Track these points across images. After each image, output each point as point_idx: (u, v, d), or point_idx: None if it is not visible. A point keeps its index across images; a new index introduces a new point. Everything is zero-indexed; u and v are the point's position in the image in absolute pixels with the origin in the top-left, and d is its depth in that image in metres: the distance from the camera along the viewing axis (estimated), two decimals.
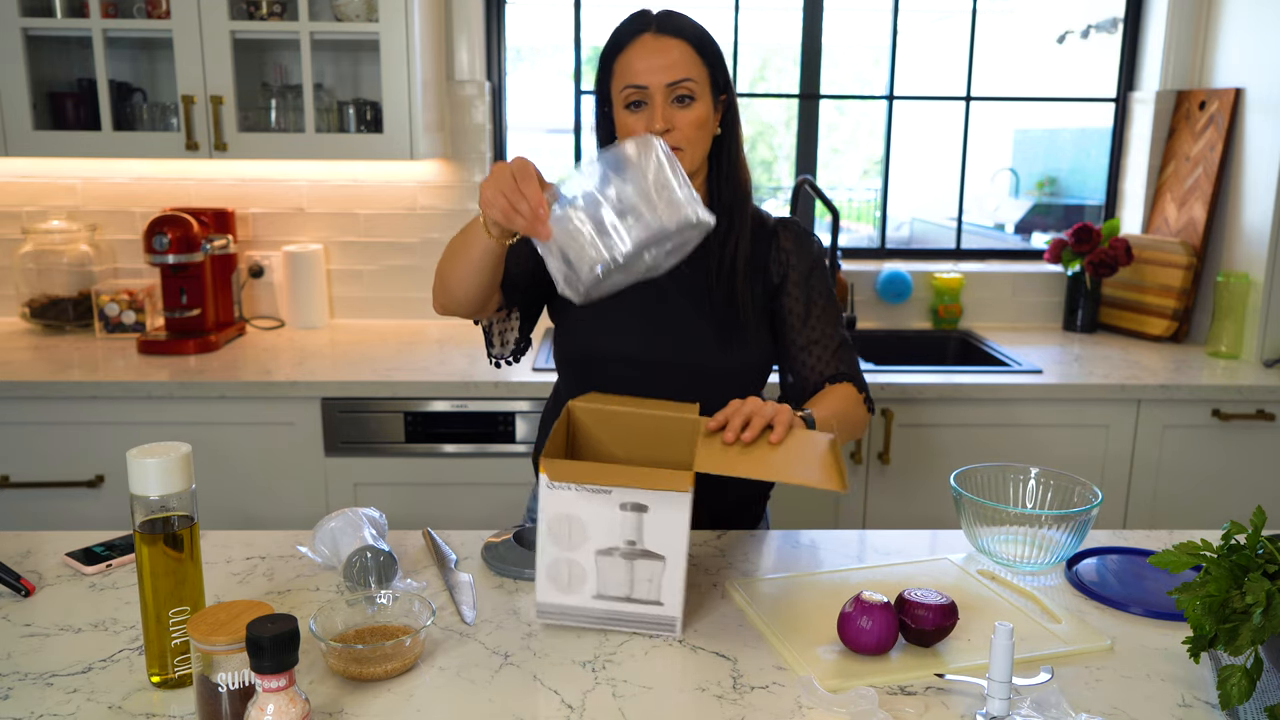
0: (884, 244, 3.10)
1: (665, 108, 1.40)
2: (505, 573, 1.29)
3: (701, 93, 1.43)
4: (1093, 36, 3.28)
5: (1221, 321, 2.59)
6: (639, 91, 1.41)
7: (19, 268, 2.70)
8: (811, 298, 1.52)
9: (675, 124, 1.41)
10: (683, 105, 1.41)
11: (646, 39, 1.42)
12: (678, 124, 1.41)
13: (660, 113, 1.40)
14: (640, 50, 1.42)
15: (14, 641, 1.12)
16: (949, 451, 2.36)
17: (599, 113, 1.51)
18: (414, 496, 2.33)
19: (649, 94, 1.41)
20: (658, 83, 1.40)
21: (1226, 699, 0.95)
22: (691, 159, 1.44)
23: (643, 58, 1.41)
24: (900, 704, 1.01)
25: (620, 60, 1.44)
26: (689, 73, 1.41)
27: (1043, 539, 1.30)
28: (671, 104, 1.41)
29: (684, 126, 1.41)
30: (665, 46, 1.42)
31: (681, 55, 1.42)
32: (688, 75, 1.41)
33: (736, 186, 1.51)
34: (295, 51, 2.64)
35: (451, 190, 2.83)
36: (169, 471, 1.00)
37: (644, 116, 1.42)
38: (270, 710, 0.83)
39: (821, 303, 1.52)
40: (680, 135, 1.41)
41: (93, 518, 2.28)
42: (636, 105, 1.42)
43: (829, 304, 1.53)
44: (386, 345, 2.62)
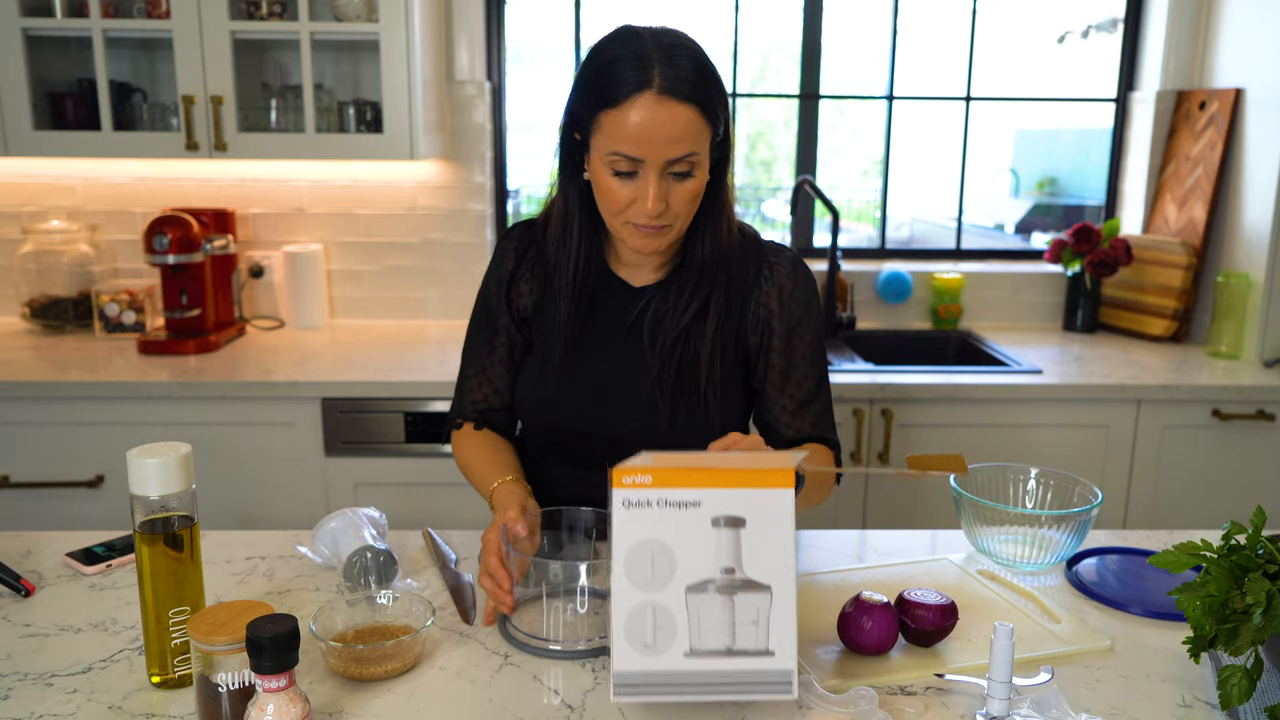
0: (884, 244, 3.10)
1: (660, 182, 1.23)
2: None
3: (702, 161, 1.25)
4: (1093, 36, 3.28)
5: (1221, 321, 2.59)
6: (630, 162, 1.22)
7: (19, 268, 2.70)
8: (793, 361, 1.37)
9: (670, 201, 1.24)
10: (679, 180, 1.24)
11: (648, 99, 1.19)
12: (672, 201, 1.25)
13: (654, 191, 1.22)
14: (639, 114, 1.19)
15: (14, 641, 1.12)
16: (949, 451, 2.36)
17: (566, 141, 1.31)
18: (414, 496, 2.33)
19: (643, 167, 1.22)
20: (658, 157, 1.21)
21: (1226, 699, 0.95)
22: (679, 230, 1.30)
23: (642, 125, 1.20)
24: (900, 704, 1.01)
25: (611, 117, 1.21)
26: (694, 146, 1.22)
27: (1043, 539, 1.30)
28: (667, 176, 1.24)
29: (677, 203, 1.25)
30: (671, 115, 1.20)
31: (688, 126, 1.21)
32: (692, 150, 1.22)
33: (717, 232, 1.34)
34: (295, 51, 2.64)
35: (451, 190, 2.83)
36: (169, 471, 1.00)
37: (634, 187, 1.23)
38: (270, 710, 0.83)
39: (804, 366, 1.38)
40: (672, 212, 1.26)
41: (93, 518, 2.28)
42: (627, 174, 1.23)
43: (813, 363, 1.38)
44: (386, 345, 2.62)
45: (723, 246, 1.35)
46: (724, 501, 0.91)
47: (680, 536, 0.91)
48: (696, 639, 0.91)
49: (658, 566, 0.91)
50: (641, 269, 1.40)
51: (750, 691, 0.91)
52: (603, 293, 1.40)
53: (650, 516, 0.91)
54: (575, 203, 1.34)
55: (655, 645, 0.90)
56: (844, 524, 2.41)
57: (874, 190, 3.21)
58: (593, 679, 1.06)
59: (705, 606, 0.91)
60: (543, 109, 3.05)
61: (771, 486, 0.92)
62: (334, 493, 2.32)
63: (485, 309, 1.47)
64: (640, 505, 0.91)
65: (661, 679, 0.90)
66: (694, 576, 0.92)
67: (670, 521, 0.91)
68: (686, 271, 1.37)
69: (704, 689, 0.91)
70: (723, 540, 0.92)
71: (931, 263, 3.03)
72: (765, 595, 0.92)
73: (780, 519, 0.93)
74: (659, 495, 0.91)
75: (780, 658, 0.91)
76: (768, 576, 0.92)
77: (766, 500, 0.93)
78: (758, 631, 0.91)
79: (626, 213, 1.27)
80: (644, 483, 0.91)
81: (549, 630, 1.13)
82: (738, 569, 0.92)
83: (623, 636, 0.91)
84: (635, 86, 1.20)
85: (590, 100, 1.24)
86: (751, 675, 0.91)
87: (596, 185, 1.28)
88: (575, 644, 1.11)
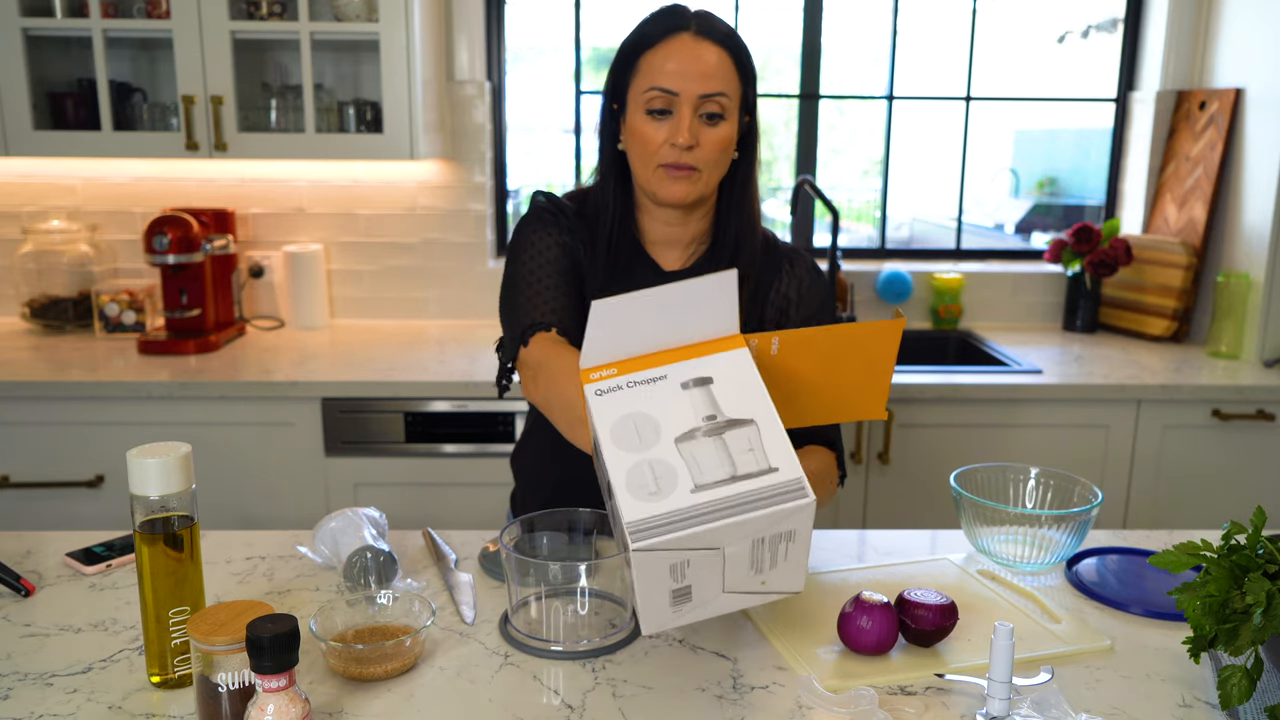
0: (884, 244, 3.10)
1: (692, 121, 1.28)
2: (504, 578, 1.29)
3: (731, 110, 1.31)
4: (1093, 36, 3.28)
5: (1221, 321, 2.59)
6: (666, 97, 1.28)
7: (19, 268, 2.70)
8: None
9: (700, 141, 1.29)
10: (711, 123, 1.29)
11: (684, 39, 1.29)
12: (702, 142, 1.29)
13: (687, 125, 1.28)
14: (675, 51, 1.28)
15: (14, 641, 1.12)
16: (949, 451, 2.36)
17: (606, 111, 1.38)
18: (414, 496, 2.33)
19: (677, 102, 1.28)
20: (690, 91, 1.27)
21: (1226, 699, 0.95)
22: (707, 182, 1.34)
23: (676, 60, 1.28)
24: (900, 704, 1.01)
25: (649, 58, 1.30)
26: (724, 86, 1.29)
27: (1043, 539, 1.30)
28: (699, 118, 1.29)
29: (708, 146, 1.30)
30: (703, 51, 1.28)
31: (719, 64, 1.29)
32: (722, 89, 1.28)
33: (745, 217, 1.40)
34: (295, 51, 2.64)
35: (451, 190, 2.83)
36: (169, 471, 1.00)
37: (666, 126, 1.29)
38: (270, 710, 0.83)
39: None
40: (702, 155, 1.30)
41: (93, 518, 2.28)
42: (660, 113, 1.29)
43: None
44: (386, 345, 2.62)
45: (750, 232, 1.41)
46: (687, 370, 0.95)
47: (656, 404, 0.93)
48: (699, 476, 0.89)
49: (643, 431, 0.92)
50: (671, 249, 1.43)
51: (767, 504, 0.87)
52: (636, 271, 1.42)
53: (622, 396, 0.94)
54: (612, 171, 1.40)
55: (660, 491, 0.88)
56: (844, 524, 2.41)
57: (874, 190, 3.21)
58: (593, 679, 1.06)
59: (698, 449, 0.91)
60: (543, 109, 3.05)
61: (725, 350, 0.95)
62: (334, 493, 2.32)
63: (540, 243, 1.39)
64: (611, 391, 0.94)
65: (674, 517, 0.87)
66: (679, 430, 0.92)
67: (643, 395, 0.94)
68: (716, 255, 1.41)
69: (718, 514, 0.86)
70: (696, 397, 0.94)
71: (931, 263, 3.03)
72: (752, 427, 0.92)
73: (743, 370, 0.95)
74: (625, 379, 0.95)
75: (785, 471, 0.89)
76: (749, 413, 0.93)
77: (725, 360, 0.96)
78: (755, 456, 0.90)
79: (660, 154, 1.31)
80: (609, 374, 0.95)
81: (549, 630, 1.13)
82: (719, 415, 0.93)
83: (626, 493, 0.89)
84: (672, 27, 1.30)
85: (630, 52, 1.33)
86: (763, 491, 0.88)
87: (632, 135, 1.33)
88: (575, 644, 1.11)
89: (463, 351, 2.54)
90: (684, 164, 1.31)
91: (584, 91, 2.93)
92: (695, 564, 0.88)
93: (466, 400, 2.29)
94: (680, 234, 1.42)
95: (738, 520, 0.86)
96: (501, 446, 2.31)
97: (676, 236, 1.43)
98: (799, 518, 0.88)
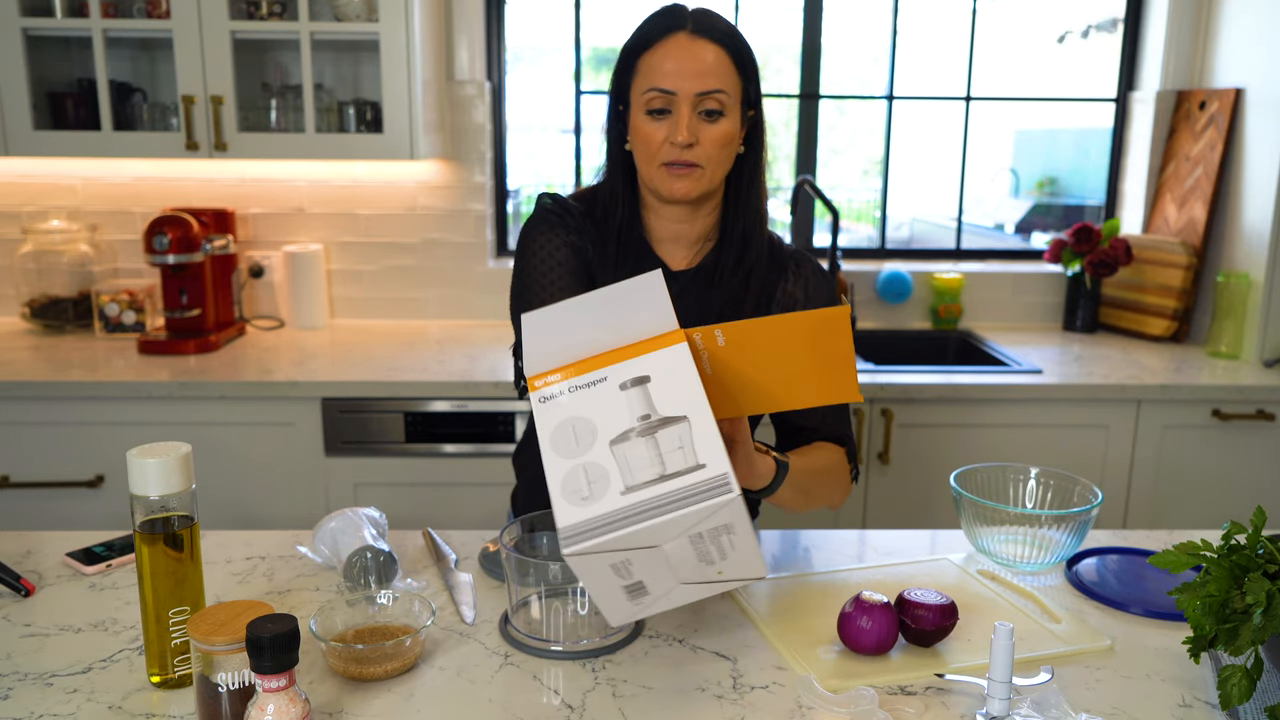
0: (884, 244, 3.10)
1: (691, 119, 1.30)
2: (504, 578, 1.29)
3: (732, 106, 1.32)
4: (1093, 36, 3.28)
5: (1221, 321, 2.59)
6: (665, 97, 1.30)
7: (19, 268, 2.70)
8: None
9: (700, 139, 1.31)
10: (710, 120, 1.31)
11: (680, 38, 1.31)
12: (702, 139, 1.31)
13: (685, 124, 1.30)
14: (671, 51, 1.31)
15: (14, 641, 1.12)
16: (949, 451, 2.36)
17: (612, 111, 1.40)
18: (414, 496, 2.33)
19: (675, 101, 1.30)
20: (687, 90, 1.29)
21: (1226, 699, 0.95)
22: (711, 178, 1.35)
23: (673, 59, 1.30)
24: (900, 704, 1.01)
25: (647, 59, 1.32)
26: (722, 83, 1.30)
27: (1043, 539, 1.30)
28: (698, 116, 1.31)
29: (708, 143, 1.31)
30: (700, 50, 1.30)
31: (717, 62, 1.31)
32: (720, 86, 1.30)
33: (753, 213, 1.41)
34: (295, 51, 2.64)
35: (451, 190, 2.83)
36: (169, 471, 1.00)
37: (666, 125, 1.31)
38: (270, 710, 0.83)
39: None
40: (702, 152, 1.32)
41: (93, 518, 2.28)
42: (660, 112, 1.31)
43: None
44: (386, 345, 2.62)
45: (758, 227, 1.42)
46: (626, 370, 0.95)
47: (595, 408, 0.94)
48: (629, 477, 0.90)
49: (580, 435, 0.93)
50: (678, 246, 1.44)
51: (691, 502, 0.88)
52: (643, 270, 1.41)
53: (564, 401, 0.95)
54: (619, 170, 1.41)
55: (591, 495, 0.90)
56: (844, 524, 2.41)
57: (874, 190, 3.21)
58: (593, 679, 1.06)
59: (631, 450, 0.92)
60: (543, 109, 3.05)
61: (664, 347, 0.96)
62: (334, 493, 2.32)
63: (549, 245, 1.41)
64: (553, 397, 0.95)
65: (604, 520, 0.88)
66: (614, 432, 0.93)
67: (582, 399, 0.95)
68: (724, 251, 1.42)
69: (646, 515, 0.88)
70: (633, 397, 0.95)
71: (931, 263, 3.03)
72: (684, 424, 0.92)
73: (680, 366, 0.96)
74: (568, 384, 0.96)
75: (712, 466, 0.89)
76: (682, 410, 0.93)
77: (663, 358, 0.96)
78: (685, 454, 0.91)
79: (661, 152, 1.33)
80: (553, 380, 0.96)
81: (549, 630, 1.13)
82: (653, 414, 0.93)
83: (560, 498, 0.90)
84: (669, 27, 1.32)
85: (630, 53, 1.35)
86: (688, 489, 0.88)
87: (635, 135, 1.35)
88: (575, 644, 1.11)
89: (463, 351, 2.54)
90: (685, 160, 1.32)
91: (584, 91, 2.93)
92: (637, 562, 0.90)
93: (466, 400, 2.29)
94: (687, 230, 1.43)
95: (664, 520, 0.87)
96: (501, 446, 2.31)
97: (684, 234, 1.43)
98: (727, 512, 0.88)
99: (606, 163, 1.44)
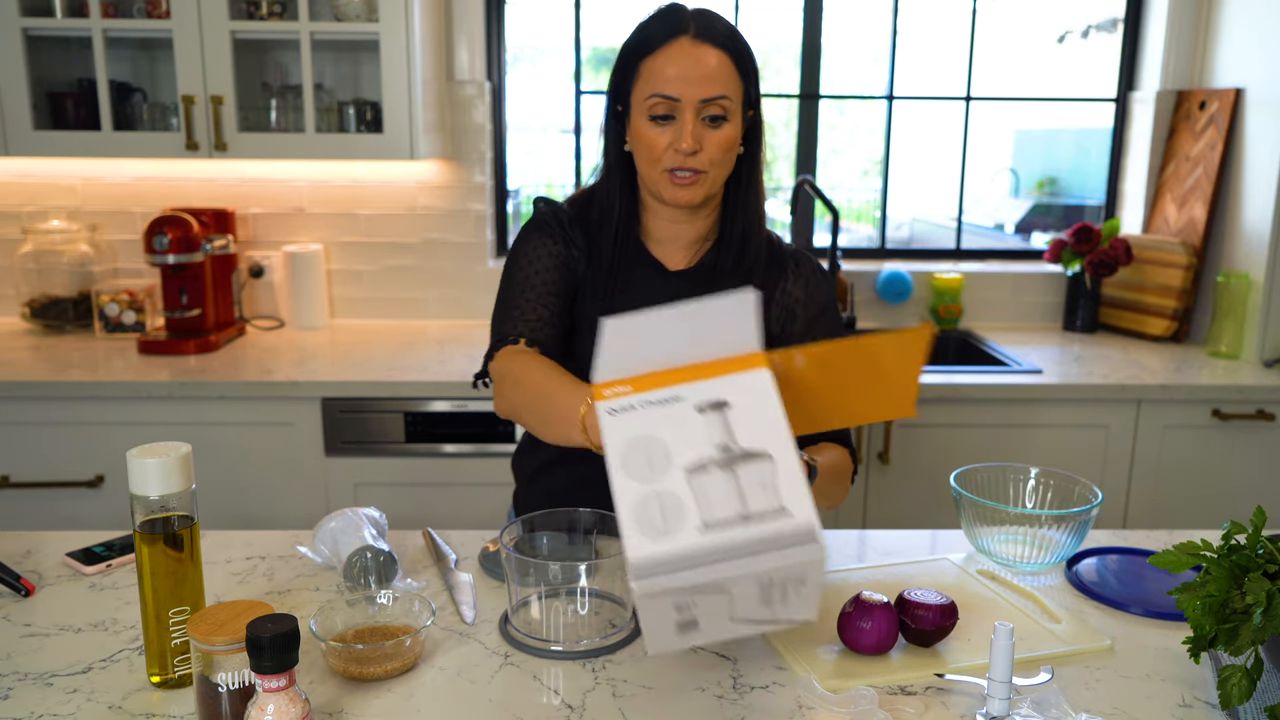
0: (884, 244, 3.10)
1: (695, 125, 1.30)
2: (504, 578, 1.29)
3: (734, 111, 1.32)
4: (1093, 36, 3.28)
5: (1221, 321, 2.59)
6: (668, 103, 1.30)
7: (19, 268, 2.70)
8: None
9: (704, 145, 1.31)
10: (714, 125, 1.31)
11: (683, 43, 1.30)
12: (705, 145, 1.31)
13: (690, 130, 1.29)
14: (675, 56, 1.29)
15: (14, 641, 1.12)
16: (949, 451, 2.36)
17: (611, 112, 1.39)
18: (414, 496, 2.33)
19: (679, 107, 1.30)
20: (691, 96, 1.29)
21: (1226, 699, 0.95)
22: (713, 182, 1.35)
23: (677, 65, 1.29)
24: (900, 704, 1.01)
25: (650, 63, 1.31)
26: (725, 89, 1.30)
27: (1043, 539, 1.30)
28: (702, 122, 1.30)
29: (712, 149, 1.31)
30: (703, 55, 1.29)
31: (720, 67, 1.30)
32: (724, 92, 1.30)
33: (751, 213, 1.41)
34: (295, 51, 2.64)
35: (451, 190, 2.83)
36: (169, 471, 1.00)
37: (670, 131, 1.31)
38: (270, 710, 0.83)
39: None
40: (706, 158, 1.32)
41: (93, 518, 2.28)
42: (663, 118, 1.31)
43: None
44: (386, 345, 2.62)
45: (756, 228, 1.41)
46: (703, 391, 0.90)
47: (669, 428, 0.89)
48: (707, 512, 0.85)
49: (653, 458, 0.88)
50: (677, 247, 1.44)
51: (773, 552, 0.84)
52: (638, 272, 1.43)
53: (636, 418, 0.89)
54: (618, 171, 1.41)
55: (666, 528, 0.85)
56: (844, 524, 2.41)
57: (874, 190, 3.21)
58: (593, 679, 1.06)
59: (709, 483, 0.87)
60: (543, 109, 3.05)
61: (745, 370, 0.90)
62: (334, 493, 2.32)
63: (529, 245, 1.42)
64: (624, 410, 0.90)
65: (680, 559, 0.83)
66: (691, 460, 0.88)
67: (656, 417, 0.89)
68: (722, 252, 1.42)
69: (725, 559, 0.83)
70: (711, 423, 0.90)
71: (931, 263, 3.03)
72: (767, 461, 0.87)
73: (763, 395, 0.91)
74: (639, 399, 0.90)
75: (798, 515, 0.85)
76: (765, 446, 0.88)
77: (744, 382, 0.92)
78: (768, 494, 0.86)
79: (664, 158, 1.33)
80: (623, 391, 0.91)
81: (549, 630, 1.13)
82: (733, 445, 0.88)
83: (632, 526, 0.85)
84: (672, 32, 1.31)
85: (631, 56, 1.34)
86: (773, 537, 0.84)
87: (637, 139, 1.34)
88: (575, 644, 1.11)
89: (463, 351, 2.54)
90: (689, 167, 1.32)
91: (584, 91, 2.93)
92: (701, 601, 0.86)
93: (466, 400, 2.29)
94: (687, 231, 1.43)
95: (743, 566, 0.84)
96: (502, 446, 2.31)
97: (682, 234, 1.44)
98: (808, 564, 0.85)
99: (604, 163, 1.43)
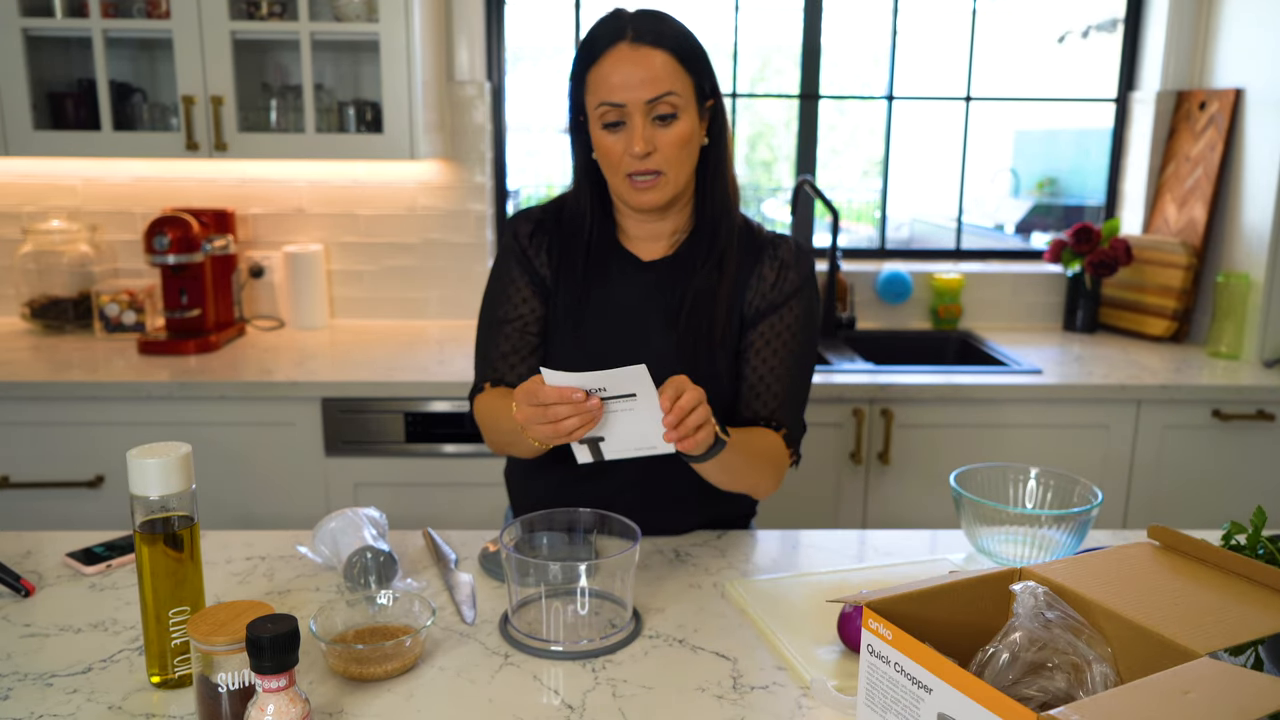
0: (884, 244, 3.10)
1: (645, 128, 1.30)
2: (504, 578, 1.29)
3: (685, 106, 1.32)
4: (1093, 36, 3.28)
5: (1221, 322, 2.59)
6: (616, 110, 1.31)
7: (19, 268, 2.70)
8: (779, 337, 1.41)
9: (657, 145, 1.31)
10: (665, 124, 1.31)
11: (622, 49, 1.30)
12: (659, 145, 1.31)
13: (640, 134, 1.30)
14: (615, 62, 1.30)
15: (14, 641, 1.12)
16: (949, 451, 2.36)
17: (573, 121, 1.40)
18: (414, 496, 2.33)
19: (626, 112, 1.31)
20: (636, 100, 1.29)
21: None
22: (676, 180, 1.35)
23: (619, 71, 1.30)
24: None
25: (595, 73, 1.32)
26: (671, 86, 1.30)
27: (1043, 539, 1.30)
28: (652, 122, 1.31)
29: (665, 147, 1.32)
30: (643, 57, 1.30)
31: (663, 67, 1.30)
32: (669, 89, 1.30)
33: (721, 201, 1.41)
34: (295, 51, 2.64)
35: (451, 190, 2.83)
36: (169, 472, 1.00)
37: (623, 137, 1.32)
38: (270, 710, 0.83)
39: (785, 350, 1.41)
40: (662, 157, 1.32)
41: (93, 518, 2.28)
42: (614, 125, 1.32)
43: (797, 347, 1.41)
44: (386, 345, 2.62)
45: (726, 214, 1.42)
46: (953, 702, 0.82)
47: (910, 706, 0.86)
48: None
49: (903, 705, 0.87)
50: (649, 242, 1.45)
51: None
52: (614, 266, 1.44)
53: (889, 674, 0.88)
54: (585, 180, 1.43)
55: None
56: (844, 524, 2.41)
57: (874, 190, 3.21)
58: (593, 679, 1.06)
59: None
60: (543, 109, 3.05)
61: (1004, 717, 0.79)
62: (334, 493, 2.32)
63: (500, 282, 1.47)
64: (881, 658, 0.88)
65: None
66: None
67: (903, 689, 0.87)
68: (696, 240, 1.43)
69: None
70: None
71: (931, 263, 3.03)
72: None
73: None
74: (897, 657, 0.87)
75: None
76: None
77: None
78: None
79: (622, 164, 1.34)
80: (885, 636, 0.88)
81: (549, 630, 1.13)
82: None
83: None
84: (610, 40, 1.32)
85: (578, 67, 1.35)
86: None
87: (597, 149, 1.36)
88: (575, 644, 1.11)
89: (463, 352, 2.54)
90: (647, 170, 1.33)
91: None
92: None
93: (466, 400, 2.29)
94: (661, 229, 1.45)
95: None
96: None
97: (659, 230, 1.45)
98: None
99: (573, 172, 1.44)
